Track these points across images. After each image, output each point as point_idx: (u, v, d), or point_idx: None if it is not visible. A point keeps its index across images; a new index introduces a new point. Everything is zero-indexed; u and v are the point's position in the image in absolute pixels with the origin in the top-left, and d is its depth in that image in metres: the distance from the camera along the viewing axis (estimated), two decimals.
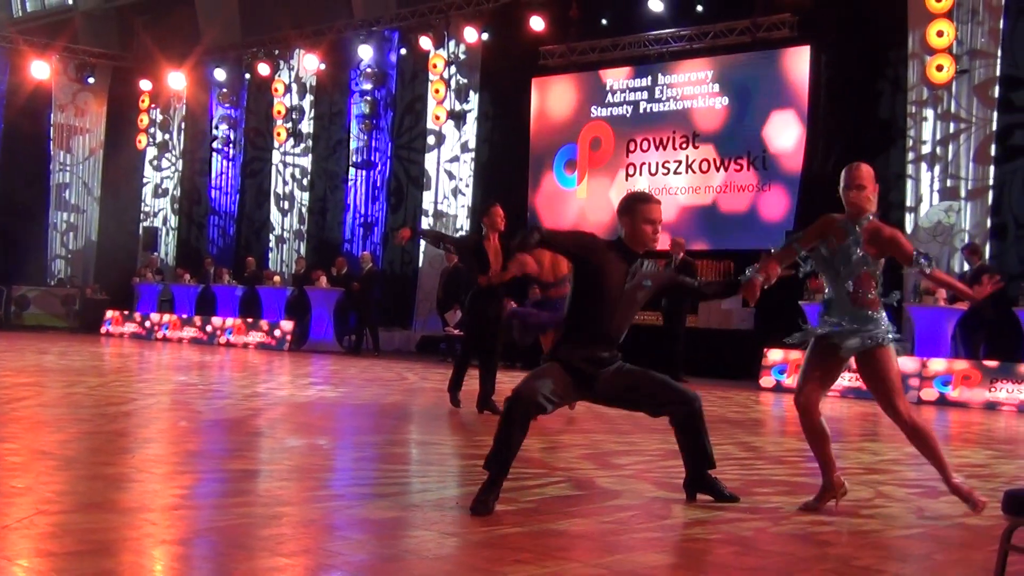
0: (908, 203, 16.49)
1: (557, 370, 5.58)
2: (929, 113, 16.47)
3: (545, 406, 5.47)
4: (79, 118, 28.74)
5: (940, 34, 16.15)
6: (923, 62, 16.42)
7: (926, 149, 16.44)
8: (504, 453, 5.40)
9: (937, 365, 13.95)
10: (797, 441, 9.43)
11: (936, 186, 16.36)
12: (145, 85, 27.77)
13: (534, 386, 5.46)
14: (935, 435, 5.72)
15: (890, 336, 5.62)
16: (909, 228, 16.38)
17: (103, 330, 24.64)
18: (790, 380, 14.54)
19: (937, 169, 16.36)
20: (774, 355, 15.13)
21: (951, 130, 16.30)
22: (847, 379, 14.19)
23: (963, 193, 16.14)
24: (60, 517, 4.83)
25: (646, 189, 19.47)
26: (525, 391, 5.44)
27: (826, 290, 5.85)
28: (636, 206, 5.79)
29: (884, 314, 5.68)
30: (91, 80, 27.91)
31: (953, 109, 16.27)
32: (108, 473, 6.16)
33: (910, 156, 16.57)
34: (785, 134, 17.94)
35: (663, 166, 19.42)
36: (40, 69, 26.51)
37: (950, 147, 16.28)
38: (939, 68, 16.18)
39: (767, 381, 15.06)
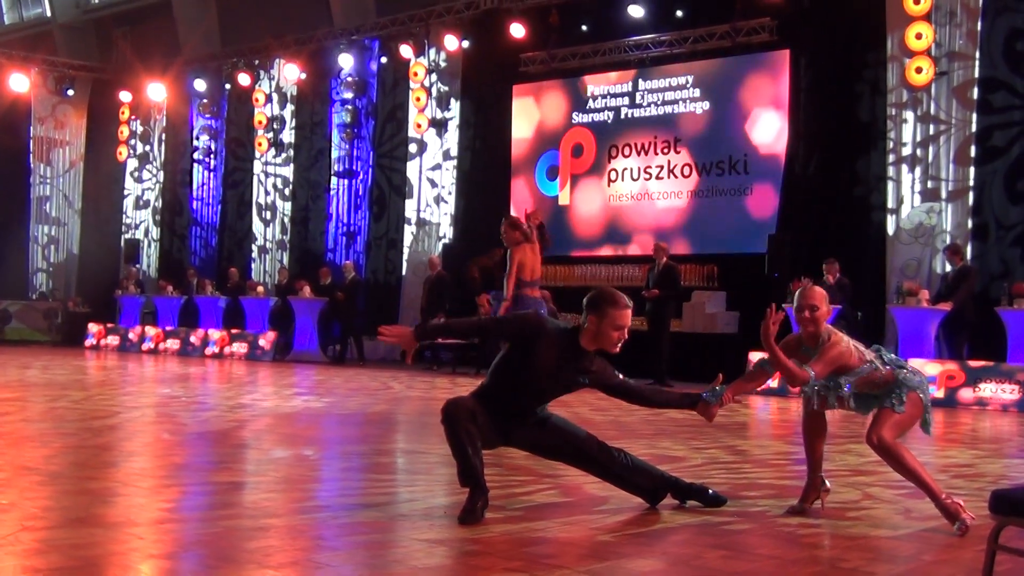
0: (889, 205, 16.55)
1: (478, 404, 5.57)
2: (909, 115, 16.54)
3: (476, 414, 5.45)
4: (59, 131, 28.62)
5: (919, 36, 16.22)
6: (902, 64, 16.48)
7: (906, 151, 16.50)
8: (466, 465, 5.38)
9: (920, 366, 13.98)
10: (783, 444, 9.46)
11: (917, 188, 16.43)
12: (125, 97, 27.68)
13: (460, 399, 5.54)
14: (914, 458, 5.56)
15: (895, 402, 5.54)
16: (891, 230, 16.45)
17: (86, 343, 24.53)
18: (775, 383, 14.54)
19: (918, 171, 16.42)
20: (758, 359, 15.15)
21: (931, 132, 16.37)
22: None
23: (944, 194, 16.21)
24: (46, 533, 4.80)
25: (628, 194, 19.52)
26: (451, 403, 5.49)
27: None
28: (607, 309, 5.50)
29: (904, 372, 5.63)
30: (70, 92, 27.78)
31: (932, 111, 16.34)
32: (93, 487, 6.12)
33: (890, 158, 16.63)
34: (766, 138, 17.98)
35: (645, 171, 19.45)
36: (19, 82, 26.39)
37: (930, 149, 16.35)
38: (918, 70, 16.25)
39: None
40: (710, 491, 5.85)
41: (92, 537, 4.77)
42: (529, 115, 21.18)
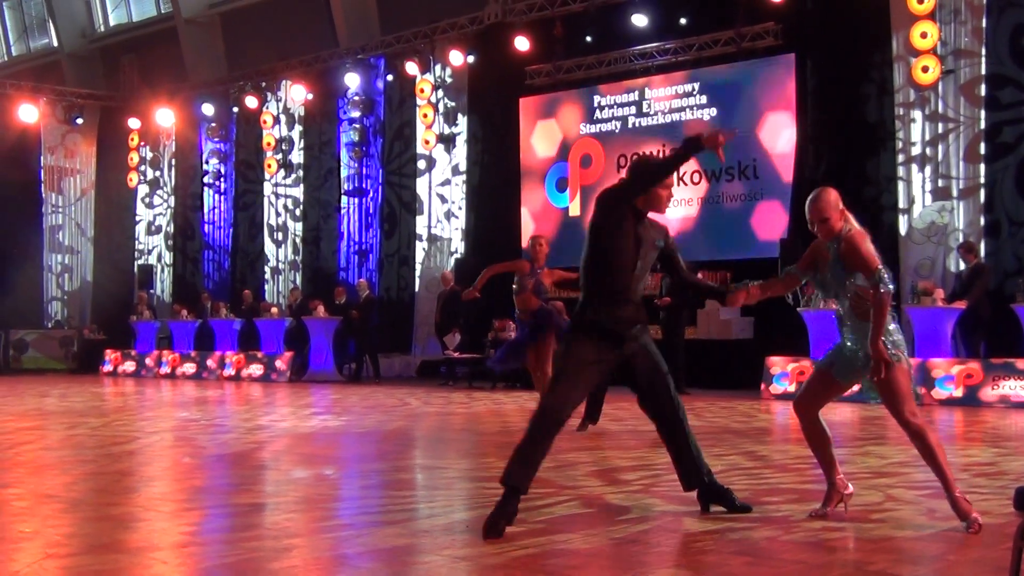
0: (901, 205, 16.51)
1: (583, 351, 5.61)
2: (917, 114, 16.51)
3: (566, 421, 5.59)
4: (69, 159, 28.77)
5: (924, 35, 16.20)
6: (908, 64, 16.46)
7: (916, 150, 16.47)
8: (526, 470, 5.44)
9: (938, 365, 13.94)
10: (803, 449, 9.40)
11: (928, 187, 16.39)
12: (134, 123, 27.77)
13: (562, 399, 5.55)
14: (940, 444, 5.57)
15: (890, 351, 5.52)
16: (903, 230, 16.40)
17: (103, 370, 24.59)
18: (792, 388, 14.53)
19: (928, 170, 16.39)
20: (776, 364, 15.12)
21: (940, 130, 16.33)
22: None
23: (955, 193, 16.17)
24: (70, 560, 4.81)
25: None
26: (552, 406, 5.51)
27: (835, 307, 5.84)
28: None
29: (891, 324, 5.62)
30: (79, 121, 27.92)
31: (940, 109, 16.31)
32: (115, 513, 6.14)
33: (900, 158, 16.60)
34: (775, 142, 17.97)
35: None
36: (28, 113, 26.53)
37: (939, 147, 16.32)
38: (924, 69, 16.23)
39: (772, 389, 15.02)
40: (737, 501, 5.83)
41: (116, 563, 4.78)
42: (536, 127, 21.20)
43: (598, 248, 5.75)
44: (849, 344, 5.69)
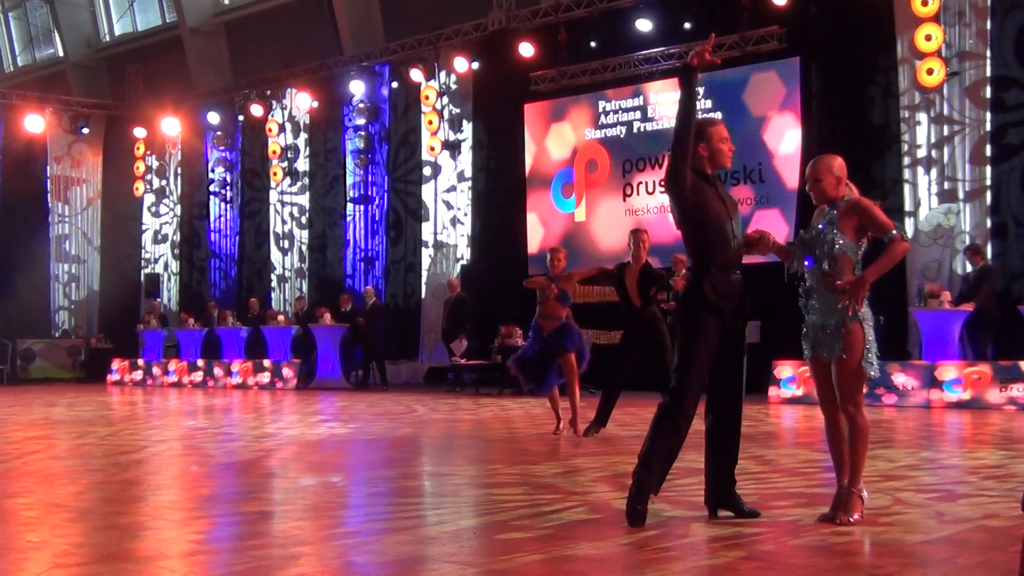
0: (907, 207, 16.50)
1: (709, 328, 5.72)
2: (922, 117, 16.50)
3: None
4: (75, 169, 28.86)
5: (928, 38, 16.19)
6: (913, 67, 16.45)
7: (921, 153, 16.47)
8: (661, 463, 5.66)
9: (946, 368, 13.91)
10: (811, 452, 9.40)
11: (934, 189, 16.38)
12: (140, 132, 27.85)
13: (694, 392, 5.68)
14: (868, 442, 5.68)
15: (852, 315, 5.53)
16: (909, 233, 16.36)
17: (110, 379, 24.62)
18: (800, 392, 14.51)
19: (934, 172, 16.38)
20: (783, 369, 15.09)
21: (945, 133, 16.33)
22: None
23: (961, 195, 16.16)
24: (78, 570, 4.81)
25: (644, 208, 19.51)
26: (686, 400, 5.65)
27: (806, 279, 5.80)
28: (707, 130, 5.96)
29: (868, 311, 5.62)
30: (85, 131, 28.01)
31: (946, 112, 16.30)
32: (123, 523, 6.13)
33: (906, 161, 16.59)
34: (780, 145, 17.97)
35: (660, 184, 19.42)
36: (34, 123, 26.61)
37: (945, 150, 16.31)
38: (929, 72, 16.22)
39: (779, 393, 14.98)
40: (745, 506, 5.83)
41: (124, 572, 4.78)
42: (541, 133, 21.21)
43: (694, 224, 5.82)
44: (815, 320, 5.68)
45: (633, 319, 10.50)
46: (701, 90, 18.97)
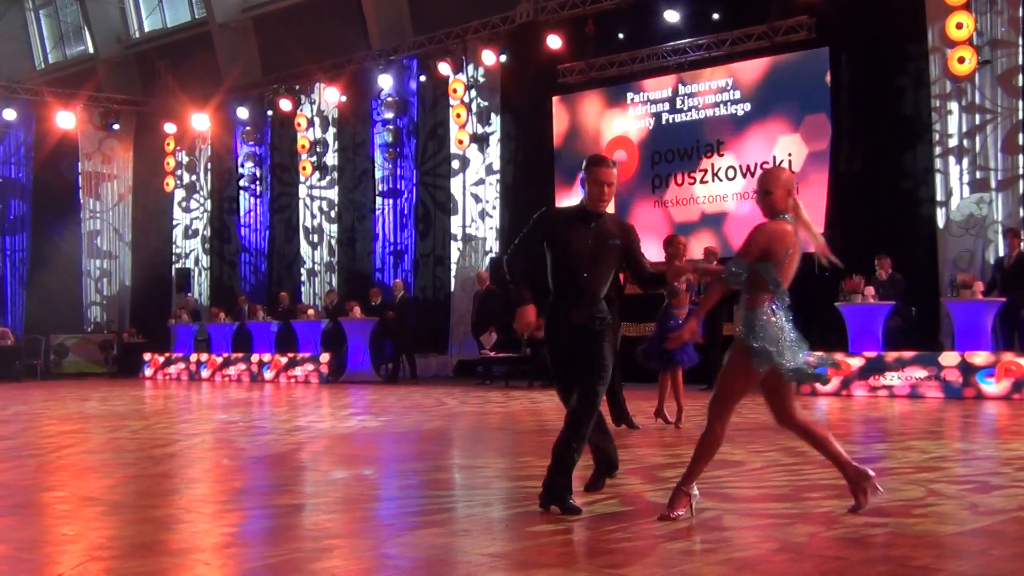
0: (938, 198, 16.38)
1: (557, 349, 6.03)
2: (953, 106, 16.37)
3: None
4: (106, 165, 29.06)
5: (959, 26, 16.06)
6: (944, 55, 16.32)
7: (953, 142, 16.34)
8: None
9: (979, 359, 13.79)
10: (843, 444, 9.35)
11: (965, 179, 16.25)
12: (170, 128, 28.00)
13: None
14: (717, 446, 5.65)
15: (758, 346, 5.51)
16: (941, 223, 16.27)
17: (142, 374, 24.78)
18: (832, 384, 14.43)
19: (965, 162, 16.24)
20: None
21: (977, 122, 16.19)
22: (896, 379, 14.10)
23: (993, 184, 16.02)
24: (112, 563, 4.84)
25: (673, 200, 19.44)
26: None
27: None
28: (590, 169, 5.98)
29: (778, 319, 5.54)
30: (116, 127, 28.23)
31: (977, 100, 16.17)
32: (156, 515, 6.18)
33: (937, 150, 16.47)
34: (809, 136, 17.85)
35: (689, 176, 19.37)
36: (65, 119, 26.80)
37: (977, 139, 16.17)
38: (960, 60, 16.09)
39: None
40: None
41: (158, 565, 4.81)
42: (569, 125, 21.17)
43: (553, 257, 6.05)
44: (739, 332, 5.65)
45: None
46: (730, 80, 18.91)
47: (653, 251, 9.59)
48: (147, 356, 25.21)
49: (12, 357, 25.03)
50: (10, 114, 26.59)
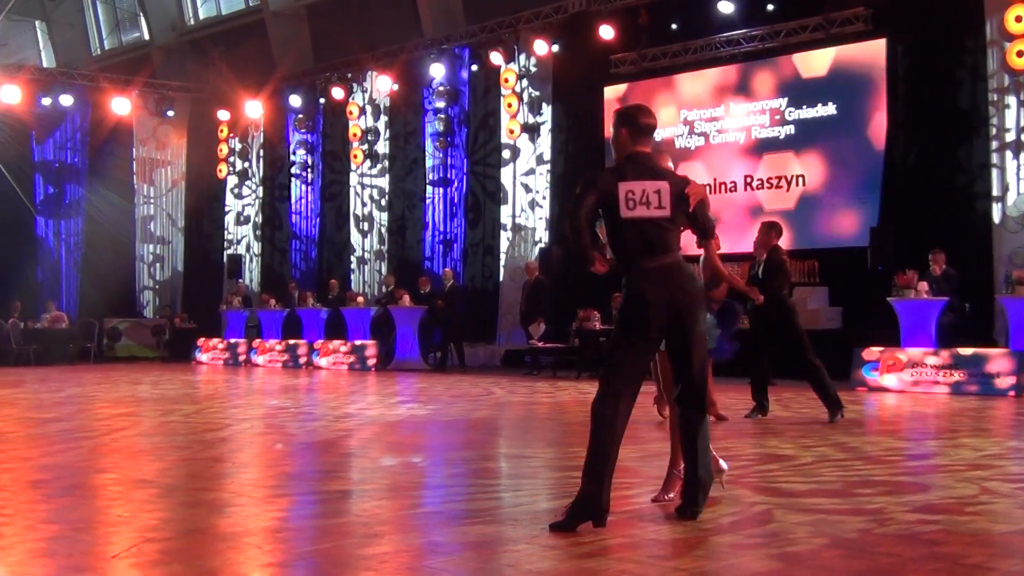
0: (994, 193, 16.16)
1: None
2: (1011, 100, 16.14)
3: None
4: (160, 151, 29.35)
5: (1018, 19, 15.82)
6: (1002, 49, 16.09)
7: (1010, 137, 16.11)
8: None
9: None
10: (894, 440, 9.28)
11: (1022, 174, 16.02)
12: (223, 115, 28.19)
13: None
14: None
15: None
16: (997, 218, 16.06)
17: (194, 358, 25.03)
18: (884, 380, 14.30)
19: (1023, 157, 16.01)
20: (867, 354, 14.83)
21: None
22: (949, 375, 13.94)
23: None
24: (165, 544, 4.90)
25: (726, 186, 19.32)
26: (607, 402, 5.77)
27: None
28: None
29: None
30: (170, 113, 28.48)
31: None
32: (208, 499, 6.24)
33: (994, 145, 16.24)
34: (865, 129, 17.66)
35: (742, 168, 19.24)
36: (120, 105, 27.05)
37: None
38: (1019, 54, 15.85)
39: (863, 381, 14.74)
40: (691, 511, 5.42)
41: (210, 547, 4.86)
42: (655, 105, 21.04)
43: (610, 222, 5.90)
44: None
45: (758, 309, 10.72)
46: (786, 72, 18.72)
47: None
48: (199, 341, 25.45)
49: (66, 340, 25.36)
50: (67, 100, 26.90)
